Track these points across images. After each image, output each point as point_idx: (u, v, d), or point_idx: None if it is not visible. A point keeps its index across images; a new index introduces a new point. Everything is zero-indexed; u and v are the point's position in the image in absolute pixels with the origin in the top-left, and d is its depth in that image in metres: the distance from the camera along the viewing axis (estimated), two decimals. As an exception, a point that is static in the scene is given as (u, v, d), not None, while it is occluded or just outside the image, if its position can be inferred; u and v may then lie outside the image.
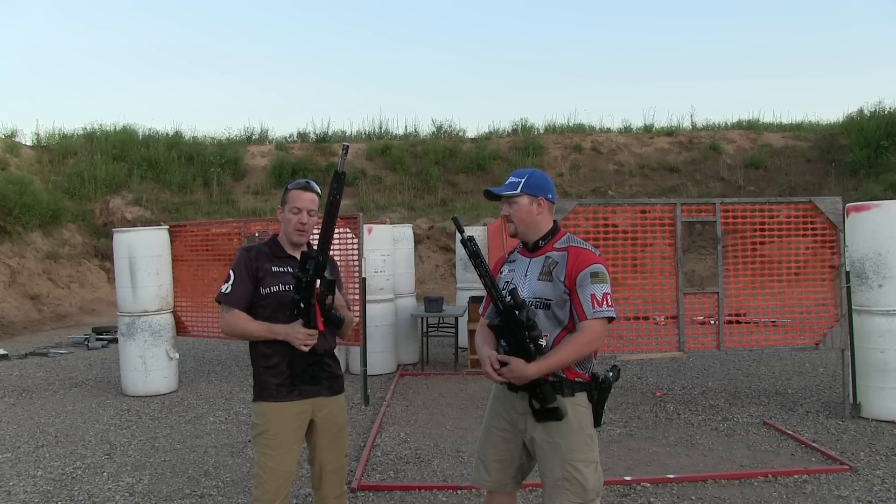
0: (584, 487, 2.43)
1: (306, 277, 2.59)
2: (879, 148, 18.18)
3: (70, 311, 13.97)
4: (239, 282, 2.73)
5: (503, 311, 2.41)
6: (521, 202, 2.57)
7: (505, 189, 2.59)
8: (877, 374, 5.50)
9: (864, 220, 5.65)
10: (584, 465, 2.45)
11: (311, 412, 2.76)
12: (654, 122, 22.58)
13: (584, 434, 2.48)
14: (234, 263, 2.78)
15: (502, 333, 2.45)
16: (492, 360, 2.45)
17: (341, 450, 2.87)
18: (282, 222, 2.82)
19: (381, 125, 22.85)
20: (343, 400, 2.91)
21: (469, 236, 2.46)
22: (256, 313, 2.73)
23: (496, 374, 2.45)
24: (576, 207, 5.75)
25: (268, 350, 2.71)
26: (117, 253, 7.25)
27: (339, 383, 2.87)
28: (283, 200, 2.81)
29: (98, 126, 20.53)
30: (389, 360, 8.00)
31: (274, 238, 2.89)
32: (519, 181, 2.58)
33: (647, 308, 5.93)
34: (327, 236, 2.56)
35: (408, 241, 9.02)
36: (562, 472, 2.43)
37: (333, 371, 2.83)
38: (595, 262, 2.48)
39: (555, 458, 2.46)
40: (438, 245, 17.76)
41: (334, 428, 2.82)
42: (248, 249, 2.82)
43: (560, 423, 2.45)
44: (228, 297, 2.73)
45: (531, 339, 2.39)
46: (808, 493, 4.08)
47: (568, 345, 2.43)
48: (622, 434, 5.39)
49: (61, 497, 4.30)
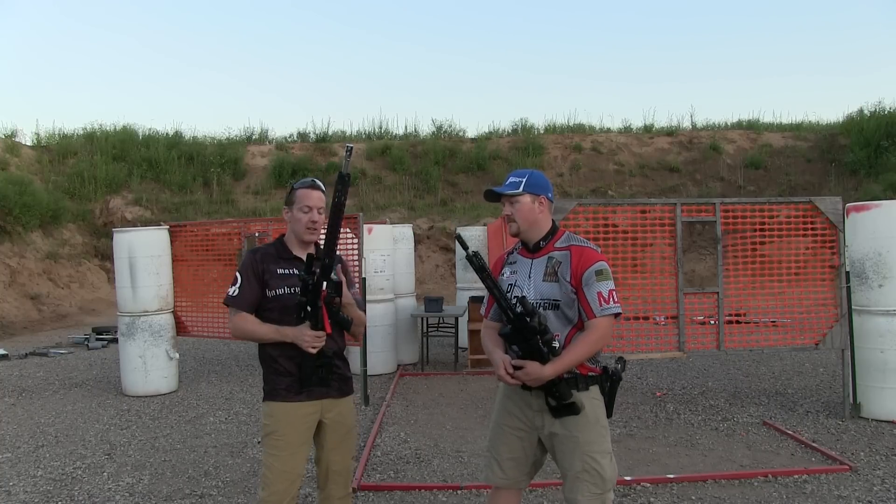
0: (603, 478, 2.50)
1: (312, 280, 2.59)
2: (879, 148, 18.18)
3: (70, 311, 13.97)
4: (246, 284, 2.73)
5: (514, 320, 2.43)
6: (523, 201, 2.60)
7: (507, 188, 2.62)
8: (877, 374, 5.50)
9: (864, 220, 5.65)
10: (601, 455, 2.52)
11: (319, 413, 2.76)
12: (654, 122, 22.65)
13: (600, 426, 2.55)
14: (241, 266, 2.79)
15: (514, 340, 2.47)
16: (506, 364, 2.48)
17: (348, 451, 2.87)
18: (290, 222, 2.80)
19: (381, 125, 22.91)
20: (352, 402, 2.90)
21: (475, 252, 2.47)
22: (264, 316, 2.74)
23: (511, 378, 2.47)
24: (576, 207, 5.75)
25: (276, 352, 2.71)
26: (117, 253, 7.25)
27: (348, 385, 2.87)
28: (289, 200, 2.80)
29: (98, 126, 20.58)
30: (389, 360, 8.00)
31: (280, 239, 2.88)
32: (520, 181, 2.61)
33: (647, 308, 5.93)
34: (333, 238, 2.57)
35: (408, 241, 9.03)
36: (582, 464, 2.49)
37: (342, 373, 2.83)
38: (598, 260, 2.54)
39: (574, 451, 2.51)
40: (438, 245, 17.76)
41: (342, 429, 2.82)
42: (255, 251, 2.83)
43: (577, 416, 2.49)
44: (236, 300, 2.74)
45: (545, 343, 2.42)
46: (808, 493, 4.08)
47: (579, 344, 2.48)
48: (622, 434, 5.39)
49: (61, 497, 4.30)
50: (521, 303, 2.42)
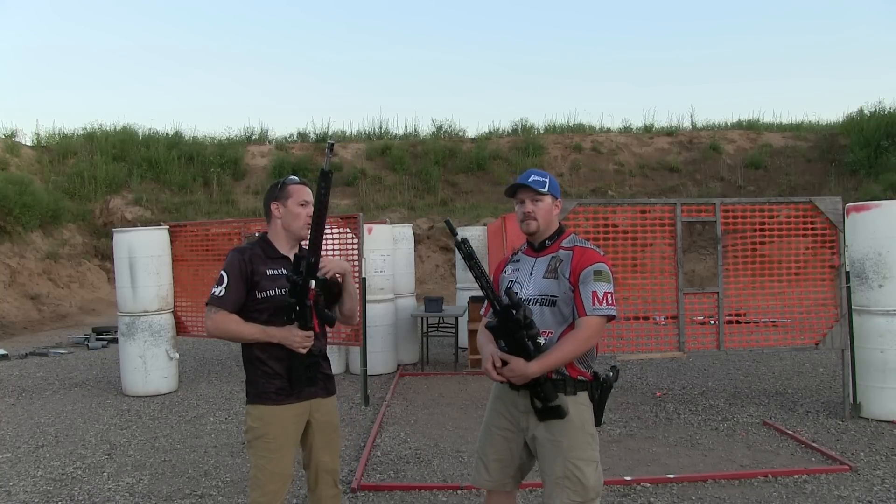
0: (585, 486, 2.44)
1: (300, 280, 2.57)
2: (879, 148, 18.18)
3: (70, 311, 13.97)
4: (233, 285, 2.65)
5: (500, 312, 2.42)
6: (546, 200, 2.64)
7: (536, 185, 2.62)
8: (877, 374, 5.50)
9: (864, 220, 5.65)
10: (585, 463, 2.46)
11: (308, 414, 2.75)
12: (654, 122, 22.64)
13: (586, 433, 2.50)
14: (227, 265, 2.68)
15: (500, 334, 2.45)
16: (494, 357, 2.46)
17: (335, 450, 2.87)
18: (280, 218, 2.74)
19: (380, 125, 22.89)
20: (336, 400, 2.90)
21: (463, 238, 2.46)
22: (252, 317, 2.67)
23: (496, 373, 2.46)
24: (576, 207, 5.75)
25: (264, 354, 2.67)
26: (117, 253, 7.25)
27: (332, 384, 2.87)
28: (279, 196, 2.74)
29: (98, 126, 20.55)
30: (389, 360, 8.00)
31: (264, 238, 2.81)
32: (545, 181, 2.64)
33: (647, 308, 5.93)
34: (318, 237, 2.54)
35: (408, 241, 9.03)
36: (563, 470, 2.44)
37: (327, 372, 2.83)
38: (599, 261, 2.53)
39: (556, 456, 2.47)
40: (438, 245, 17.76)
41: (329, 428, 2.82)
42: (242, 251, 2.74)
43: (562, 421, 2.46)
44: (222, 300, 2.65)
45: (529, 338, 2.39)
46: (808, 493, 4.08)
47: (566, 342, 2.46)
48: (622, 434, 5.39)
49: (61, 497, 4.30)
50: (508, 294, 2.41)
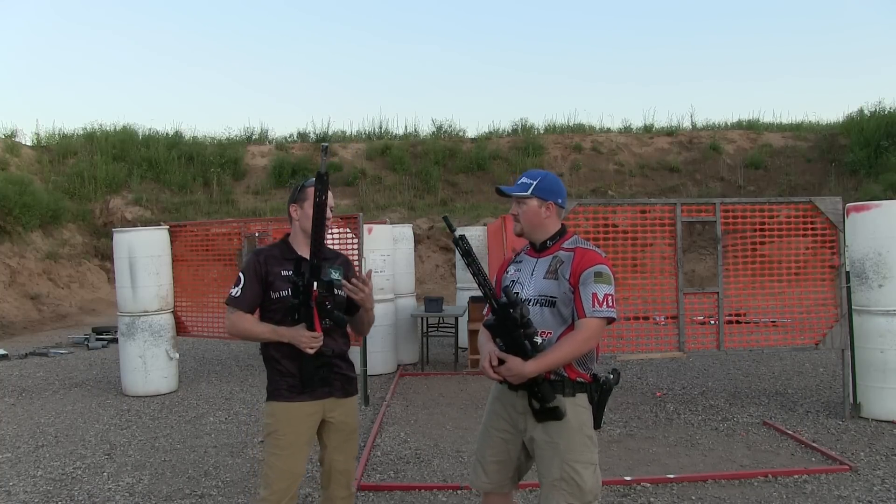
0: (582, 489, 2.42)
1: (302, 281, 2.61)
2: (879, 148, 18.17)
3: (70, 311, 13.97)
4: (248, 285, 2.75)
5: (497, 310, 2.42)
6: (530, 204, 2.59)
7: (515, 189, 2.61)
8: (877, 374, 5.50)
9: (864, 220, 5.65)
10: (582, 466, 2.44)
11: (321, 413, 2.77)
12: (654, 122, 22.63)
13: (584, 435, 2.48)
14: (244, 266, 2.81)
15: (497, 332, 2.45)
16: (492, 355, 2.45)
17: (351, 451, 2.89)
18: (298, 220, 2.80)
19: (380, 125, 22.89)
20: (356, 402, 2.91)
21: (461, 235, 2.46)
22: (267, 317, 2.76)
23: (493, 372, 2.45)
24: (576, 207, 5.75)
25: (277, 353, 2.74)
26: (117, 253, 7.25)
27: (352, 385, 2.87)
28: (300, 198, 2.80)
29: (98, 126, 20.55)
30: (389, 360, 8.00)
31: (285, 240, 2.88)
32: (531, 183, 2.59)
33: (647, 308, 5.93)
34: (319, 238, 2.58)
35: (408, 241, 9.03)
36: (560, 472, 2.43)
37: (345, 373, 2.83)
38: (600, 263, 2.50)
39: (553, 457, 2.45)
40: (438, 245, 17.76)
41: (347, 429, 2.84)
42: (258, 253, 2.84)
43: (560, 423, 2.45)
44: (238, 300, 2.76)
45: (526, 337, 2.38)
46: (808, 493, 4.08)
47: (565, 343, 2.44)
48: (622, 434, 5.39)
49: (61, 497, 4.30)
50: (505, 292, 2.40)
